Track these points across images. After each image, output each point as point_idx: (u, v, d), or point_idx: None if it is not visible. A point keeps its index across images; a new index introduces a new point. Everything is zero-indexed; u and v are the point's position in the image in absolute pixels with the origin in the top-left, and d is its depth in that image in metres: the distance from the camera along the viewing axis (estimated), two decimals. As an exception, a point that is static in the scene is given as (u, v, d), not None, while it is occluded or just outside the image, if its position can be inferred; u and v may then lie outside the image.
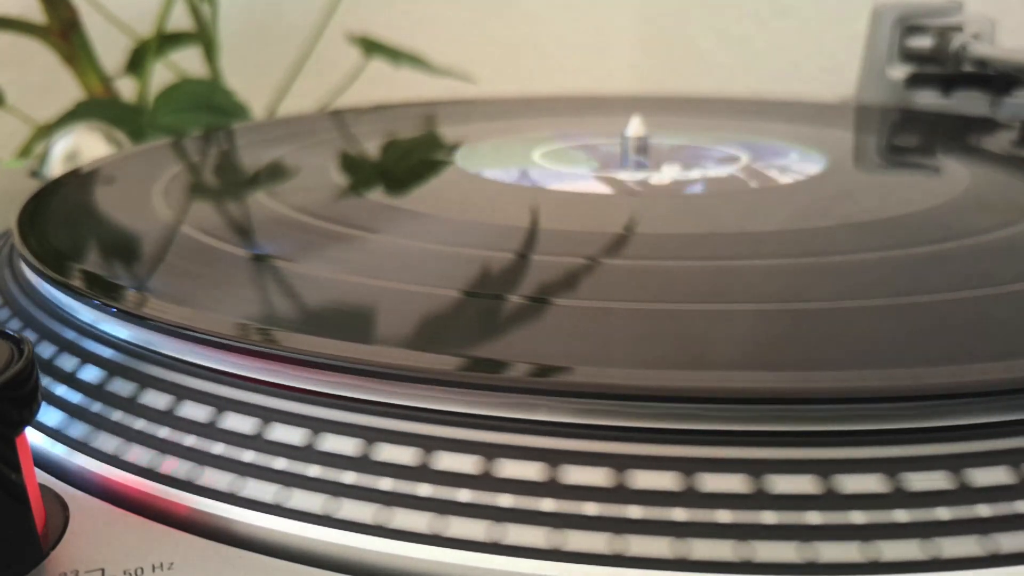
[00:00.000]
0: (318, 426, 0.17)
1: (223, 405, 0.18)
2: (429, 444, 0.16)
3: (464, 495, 0.16)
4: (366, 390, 0.17)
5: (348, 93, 0.69)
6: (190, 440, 0.18)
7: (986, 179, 0.34)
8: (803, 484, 0.15)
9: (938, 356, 0.18)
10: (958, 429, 0.16)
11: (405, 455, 0.16)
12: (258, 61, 0.76)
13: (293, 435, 0.17)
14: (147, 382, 0.19)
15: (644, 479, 0.15)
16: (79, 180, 0.35)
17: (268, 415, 0.18)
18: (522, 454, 0.16)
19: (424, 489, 0.16)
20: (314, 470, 0.17)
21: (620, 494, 0.15)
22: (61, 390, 0.20)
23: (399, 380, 0.17)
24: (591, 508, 0.15)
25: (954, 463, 0.15)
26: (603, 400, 0.16)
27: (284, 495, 0.16)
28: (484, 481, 0.16)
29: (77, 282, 0.22)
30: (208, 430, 0.18)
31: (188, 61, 0.69)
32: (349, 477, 0.16)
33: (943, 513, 0.15)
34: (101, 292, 0.22)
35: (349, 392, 0.17)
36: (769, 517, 0.15)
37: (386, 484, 0.16)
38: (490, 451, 0.16)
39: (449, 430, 0.17)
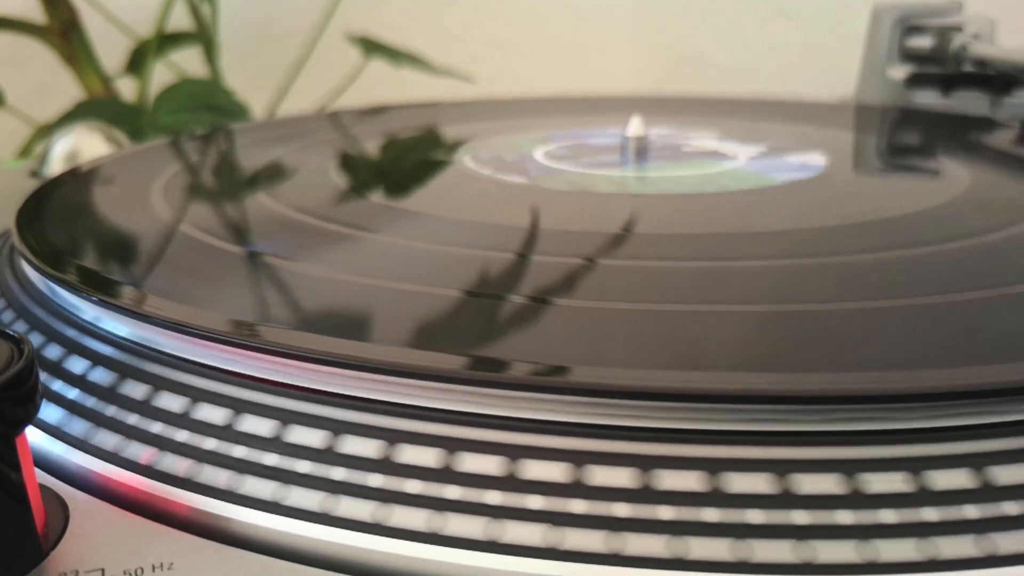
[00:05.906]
0: (330, 426, 0.17)
1: (211, 399, 0.18)
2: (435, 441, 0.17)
3: (452, 492, 0.16)
4: (334, 383, 0.17)
5: (348, 93, 0.69)
6: (187, 437, 0.18)
7: (986, 179, 0.34)
8: (828, 484, 0.15)
9: (937, 357, 0.18)
10: (964, 430, 0.16)
11: (409, 454, 0.16)
12: (258, 61, 0.76)
13: (299, 435, 0.17)
14: (148, 380, 0.19)
15: (671, 480, 0.15)
16: (79, 179, 0.35)
17: (265, 412, 0.18)
18: (544, 455, 0.16)
19: (414, 486, 0.16)
20: (304, 466, 0.17)
21: (645, 495, 0.15)
22: (58, 386, 0.20)
23: (390, 377, 0.17)
24: (621, 509, 0.15)
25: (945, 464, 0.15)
26: (620, 400, 0.16)
27: (282, 493, 0.16)
28: (510, 482, 0.16)
29: (76, 279, 0.22)
30: (206, 428, 0.18)
31: (188, 61, 0.69)
32: (339, 473, 0.16)
33: (888, 516, 0.15)
34: (101, 289, 0.22)
35: (316, 385, 0.18)
36: (800, 517, 0.15)
37: (376, 481, 0.16)
38: (515, 452, 0.16)
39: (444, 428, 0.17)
